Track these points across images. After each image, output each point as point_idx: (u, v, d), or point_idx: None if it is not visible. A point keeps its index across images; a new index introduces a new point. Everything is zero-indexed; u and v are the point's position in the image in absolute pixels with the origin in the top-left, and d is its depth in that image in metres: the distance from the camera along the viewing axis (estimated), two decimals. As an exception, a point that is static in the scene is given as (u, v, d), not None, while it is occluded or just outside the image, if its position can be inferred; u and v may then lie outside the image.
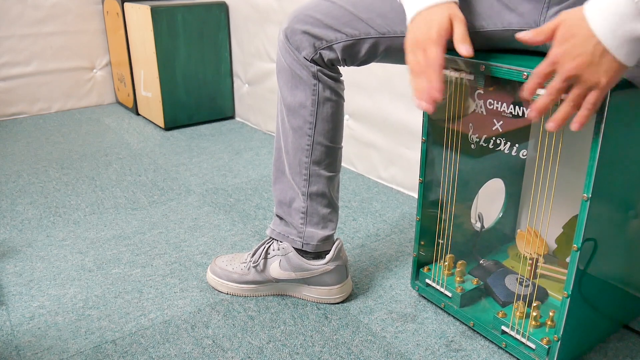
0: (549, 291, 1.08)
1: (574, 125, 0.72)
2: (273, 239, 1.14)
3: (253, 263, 1.14)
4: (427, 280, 1.13)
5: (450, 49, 0.94)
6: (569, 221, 1.13)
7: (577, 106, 0.71)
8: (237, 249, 1.39)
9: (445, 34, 0.82)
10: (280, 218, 1.13)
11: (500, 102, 1.01)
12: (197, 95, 2.39)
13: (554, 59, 0.70)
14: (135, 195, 1.71)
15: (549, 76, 0.72)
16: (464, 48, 0.81)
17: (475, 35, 0.92)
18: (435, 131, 1.04)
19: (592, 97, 0.70)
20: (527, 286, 1.07)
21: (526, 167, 1.22)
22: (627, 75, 0.76)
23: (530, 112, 0.76)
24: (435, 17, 0.82)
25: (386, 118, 1.69)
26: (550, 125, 0.73)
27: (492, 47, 0.94)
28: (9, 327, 1.09)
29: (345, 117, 1.83)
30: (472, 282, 1.10)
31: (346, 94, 1.73)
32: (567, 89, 0.71)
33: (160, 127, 2.40)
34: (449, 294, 1.09)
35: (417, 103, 0.84)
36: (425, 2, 0.84)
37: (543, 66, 0.72)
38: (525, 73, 0.81)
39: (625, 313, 1.06)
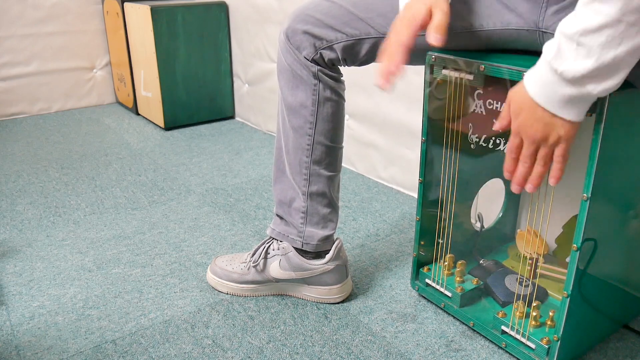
0: (549, 291, 1.09)
1: (552, 181, 0.78)
2: (273, 238, 1.15)
3: (253, 263, 1.14)
4: (427, 280, 1.13)
5: (450, 49, 0.94)
6: (569, 221, 1.13)
7: (547, 164, 0.78)
8: (237, 249, 1.39)
9: (419, 18, 0.82)
10: (281, 217, 1.13)
11: (500, 102, 1.01)
12: (197, 95, 2.39)
13: (516, 130, 0.78)
14: (135, 195, 1.71)
15: (520, 147, 0.78)
16: (433, 36, 0.81)
17: (474, 34, 0.92)
18: (435, 131, 1.04)
19: (559, 151, 0.76)
20: (527, 286, 1.07)
21: (526, 167, 1.22)
22: (627, 75, 0.76)
23: (513, 187, 0.81)
24: (415, 6, 0.84)
25: (386, 118, 1.69)
26: (529, 187, 0.80)
27: (491, 46, 0.94)
28: (9, 327, 1.09)
29: (345, 117, 1.83)
30: (472, 282, 1.10)
31: (346, 94, 1.73)
32: (536, 151, 0.77)
33: (160, 127, 2.40)
34: (449, 294, 1.09)
35: (376, 80, 0.87)
36: None
37: (511, 141, 0.79)
38: (524, 73, 0.81)
39: (625, 313, 1.06)
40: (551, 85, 0.71)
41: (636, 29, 0.64)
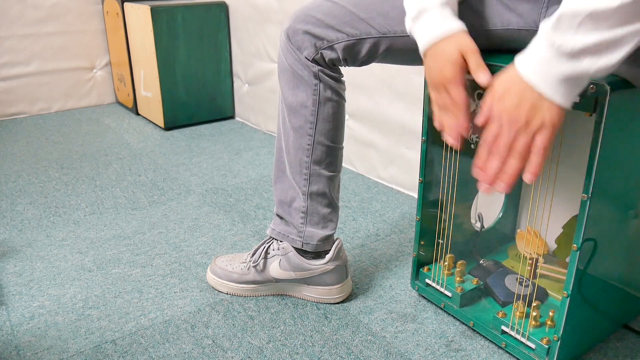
0: (549, 291, 1.09)
1: (529, 177, 0.73)
2: (273, 238, 1.15)
3: (253, 263, 1.14)
4: (427, 280, 1.13)
5: None
6: (569, 221, 1.13)
7: (525, 158, 0.73)
8: (237, 249, 1.39)
9: (460, 70, 0.82)
10: (281, 217, 1.13)
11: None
12: (197, 95, 2.40)
13: (497, 114, 0.73)
14: (135, 195, 1.71)
15: (498, 135, 0.74)
16: (481, 77, 0.80)
17: (474, 34, 0.92)
18: (435, 131, 1.04)
19: (540, 141, 0.72)
20: (527, 286, 1.07)
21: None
22: (626, 75, 0.76)
23: (482, 186, 0.77)
24: (447, 55, 0.83)
25: (386, 118, 1.69)
26: (502, 186, 0.75)
27: (491, 46, 0.94)
28: (9, 327, 1.09)
29: (345, 117, 1.83)
30: (472, 282, 1.10)
31: (346, 94, 1.73)
32: (514, 142, 0.73)
33: (160, 127, 2.40)
34: (449, 294, 1.09)
35: (445, 138, 0.87)
36: (432, 36, 0.84)
37: (489, 129, 0.75)
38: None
39: (625, 313, 1.06)
40: (546, 62, 0.68)
41: None
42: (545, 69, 0.69)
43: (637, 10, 0.62)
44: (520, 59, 0.72)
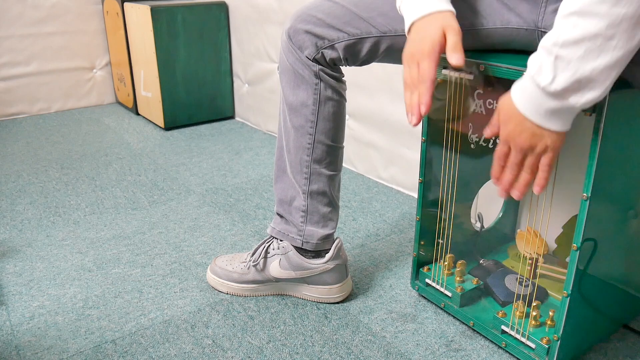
0: (549, 291, 1.09)
1: (536, 189, 0.79)
2: (273, 237, 1.15)
3: (253, 262, 1.14)
4: (427, 280, 1.13)
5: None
6: (569, 221, 1.14)
7: (534, 172, 0.78)
8: (237, 249, 1.39)
9: (438, 47, 0.82)
10: (281, 216, 1.13)
11: (500, 102, 1.00)
12: (197, 95, 2.40)
13: (504, 139, 0.78)
14: (135, 195, 1.71)
15: (508, 154, 0.79)
16: (454, 57, 0.81)
17: (474, 32, 0.92)
18: (435, 131, 1.05)
19: (545, 160, 0.76)
20: (527, 286, 1.07)
21: (526, 167, 1.22)
22: (626, 75, 0.76)
23: (500, 192, 0.82)
24: (429, 30, 0.83)
25: (386, 118, 1.69)
26: (515, 193, 0.81)
27: (490, 46, 0.94)
28: (9, 327, 1.09)
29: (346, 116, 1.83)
30: (472, 282, 1.10)
31: (347, 94, 1.73)
32: (523, 160, 0.78)
33: (160, 127, 2.40)
34: (449, 294, 1.09)
35: (408, 117, 0.86)
36: (420, 11, 0.84)
37: (499, 148, 0.80)
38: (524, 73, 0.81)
39: (625, 313, 1.06)
40: (535, 98, 0.71)
41: (614, 42, 0.64)
42: (535, 104, 0.72)
43: (602, 45, 0.64)
44: (514, 90, 0.75)
